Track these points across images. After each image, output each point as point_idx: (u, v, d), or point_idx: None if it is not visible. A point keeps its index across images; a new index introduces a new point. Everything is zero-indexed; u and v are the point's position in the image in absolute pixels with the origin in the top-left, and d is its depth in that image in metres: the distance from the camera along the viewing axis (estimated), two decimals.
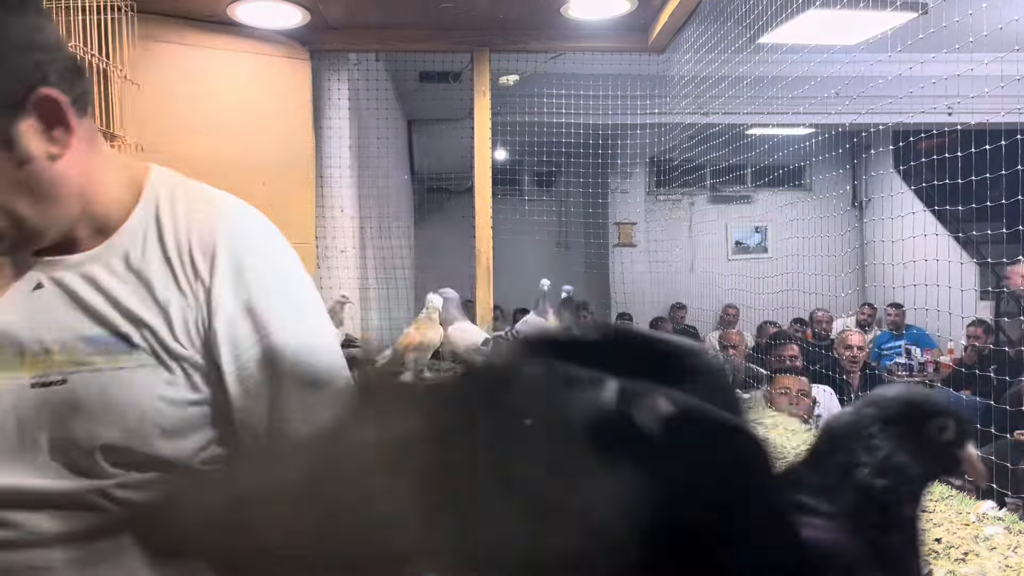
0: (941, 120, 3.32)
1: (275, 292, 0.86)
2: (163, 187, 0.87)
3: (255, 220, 0.91)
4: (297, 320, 0.87)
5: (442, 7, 3.01)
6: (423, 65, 5.06)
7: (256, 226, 0.91)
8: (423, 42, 3.35)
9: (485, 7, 3.05)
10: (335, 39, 3.30)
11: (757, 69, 3.12)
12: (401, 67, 5.04)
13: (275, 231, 0.92)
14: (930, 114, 3.10)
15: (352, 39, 3.33)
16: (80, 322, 0.80)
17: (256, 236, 0.89)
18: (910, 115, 3.10)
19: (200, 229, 0.84)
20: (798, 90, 3.18)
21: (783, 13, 2.72)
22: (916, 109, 3.03)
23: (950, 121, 2.61)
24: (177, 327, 0.81)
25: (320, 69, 3.49)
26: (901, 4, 2.81)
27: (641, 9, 3.05)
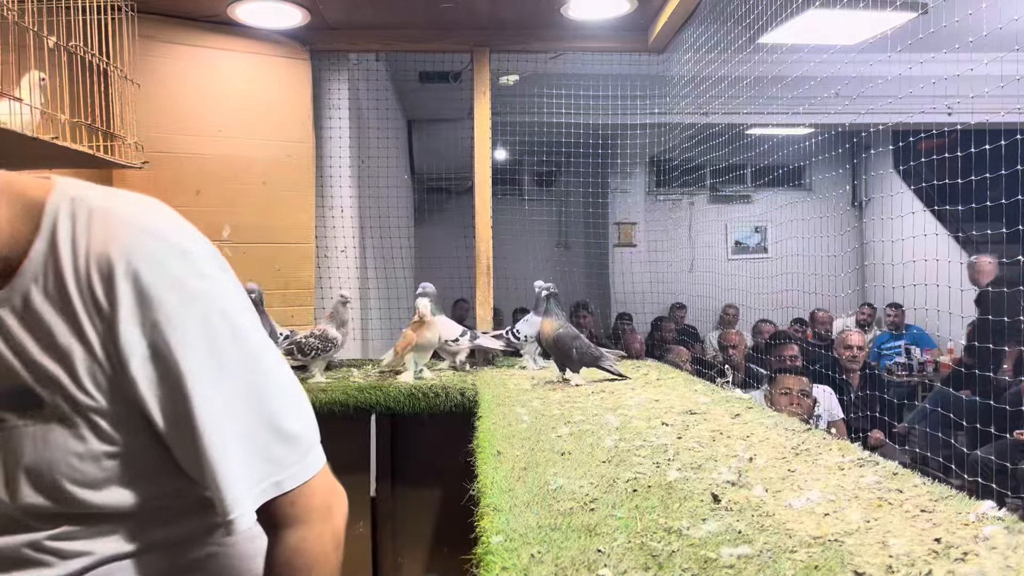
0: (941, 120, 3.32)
1: (187, 323, 0.73)
2: (62, 209, 0.74)
3: (158, 231, 0.76)
4: (214, 364, 0.75)
5: (442, 7, 3.01)
6: (423, 65, 5.07)
7: (161, 239, 0.75)
8: (423, 42, 3.35)
9: (485, 7, 3.05)
10: (335, 39, 3.30)
11: (757, 69, 3.12)
12: (401, 67, 5.05)
13: (188, 238, 0.78)
14: (930, 114, 3.10)
15: (352, 39, 3.33)
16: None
17: (160, 253, 0.74)
18: (910, 115, 3.10)
19: (98, 253, 0.72)
20: (798, 90, 3.18)
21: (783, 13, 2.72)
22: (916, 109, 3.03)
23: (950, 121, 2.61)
24: (83, 375, 0.72)
25: (320, 69, 3.49)
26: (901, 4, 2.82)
27: (641, 9, 3.05)
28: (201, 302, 0.75)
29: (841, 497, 1.21)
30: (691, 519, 1.13)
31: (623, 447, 1.59)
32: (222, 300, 0.77)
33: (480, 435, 1.78)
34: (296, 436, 0.81)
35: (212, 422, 0.75)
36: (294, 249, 3.20)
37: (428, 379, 2.69)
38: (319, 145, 3.47)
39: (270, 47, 3.17)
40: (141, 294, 0.72)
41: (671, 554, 0.99)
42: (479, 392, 2.43)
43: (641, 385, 2.46)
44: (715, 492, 1.25)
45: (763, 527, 1.08)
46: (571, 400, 2.17)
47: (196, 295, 0.74)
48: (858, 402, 4.13)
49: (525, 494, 1.28)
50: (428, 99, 6.12)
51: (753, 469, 1.39)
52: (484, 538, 1.09)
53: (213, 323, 0.75)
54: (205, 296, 0.75)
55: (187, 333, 0.73)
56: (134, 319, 0.72)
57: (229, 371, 0.76)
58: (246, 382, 0.77)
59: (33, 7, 1.73)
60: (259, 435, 0.78)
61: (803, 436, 1.65)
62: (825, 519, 1.11)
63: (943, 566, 0.91)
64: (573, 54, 3.74)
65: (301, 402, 0.84)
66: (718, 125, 3.79)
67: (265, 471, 0.78)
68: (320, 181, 3.47)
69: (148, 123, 2.71)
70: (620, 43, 3.39)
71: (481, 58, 3.35)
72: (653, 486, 1.30)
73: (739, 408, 1.99)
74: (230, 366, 0.76)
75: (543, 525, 1.12)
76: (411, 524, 2.73)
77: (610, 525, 1.11)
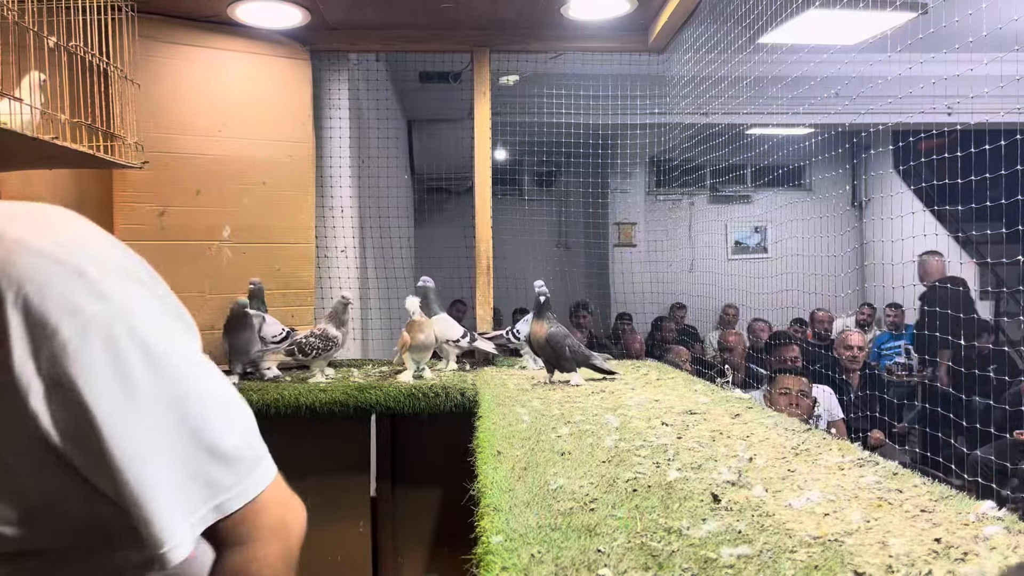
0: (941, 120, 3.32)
1: (88, 352, 0.67)
2: None
3: (51, 252, 0.68)
4: (125, 393, 0.68)
5: (442, 7, 3.01)
6: (423, 65, 5.07)
7: (53, 261, 0.68)
8: (423, 42, 3.35)
9: (485, 7, 3.05)
10: (335, 39, 3.30)
11: (757, 69, 3.12)
12: (401, 67, 5.05)
13: (86, 255, 0.70)
14: (930, 114, 3.10)
15: (352, 39, 3.33)
16: None
17: (52, 277, 0.67)
18: (910, 115, 3.10)
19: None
20: (798, 90, 3.18)
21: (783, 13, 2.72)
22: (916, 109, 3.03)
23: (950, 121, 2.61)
24: None
25: (320, 69, 3.49)
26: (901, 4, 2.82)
27: (641, 9, 3.05)
28: (101, 326, 0.67)
29: (841, 497, 1.21)
30: (691, 519, 1.13)
31: (623, 447, 1.59)
32: (128, 320, 0.70)
33: (480, 435, 1.78)
34: (235, 454, 0.76)
35: (130, 455, 0.68)
36: (294, 249, 3.20)
37: (428, 379, 2.69)
38: (319, 145, 3.47)
39: (270, 47, 3.17)
40: (33, 325, 0.65)
41: (671, 554, 0.99)
42: (479, 392, 2.43)
43: (641, 385, 2.46)
44: (715, 492, 1.25)
45: (763, 527, 1.08)
46: (571, 400, 2.17)
47: (94, 319, 0.67)
48: (858, 402, 4.13)
49: (525, 494, 1.28)
50: (428, 99, 6.12)
51: (753, 469, 1.40)
52: (484, 538, 1.09)
53: (119, 347, 0.68)
54: (106, 319, 0.68)
55: (89, 363, 0.67)
56: (27, 352, 0.65)
57: (144, 398, 0.69)
58: (168, 406, 0.71)
59: (33, 7, 1.73)
60: (190, 460, 0.72)
61: (803, 436, 1.65)
62: (825, 519, 1.11)
63: (943, 566, 0.91)
64: (573, 54, 3.73)
65: (239, 416, 0.78)
66: (718, 125, 3.79)
67: (203, 496, 0.73)
68: (320, 181, 3.47)
69: (148, 123, 2.71)
70: (620, 43, 3.39)
71: (481, 58, 3.35)
72: (653, 486, 1.30)
73: (739, 408, 1.99)
74: (145, 393, 0.69)
75: (543, 525, 1.12)
76: (411, 524, 2.73)
77: (610, 525, 1.11)
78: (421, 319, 2.68)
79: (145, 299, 0.73)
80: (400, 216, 5.03)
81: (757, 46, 3.11)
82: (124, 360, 0.69)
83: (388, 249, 4.12)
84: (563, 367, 2.49)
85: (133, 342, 0.69)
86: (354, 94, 3.74)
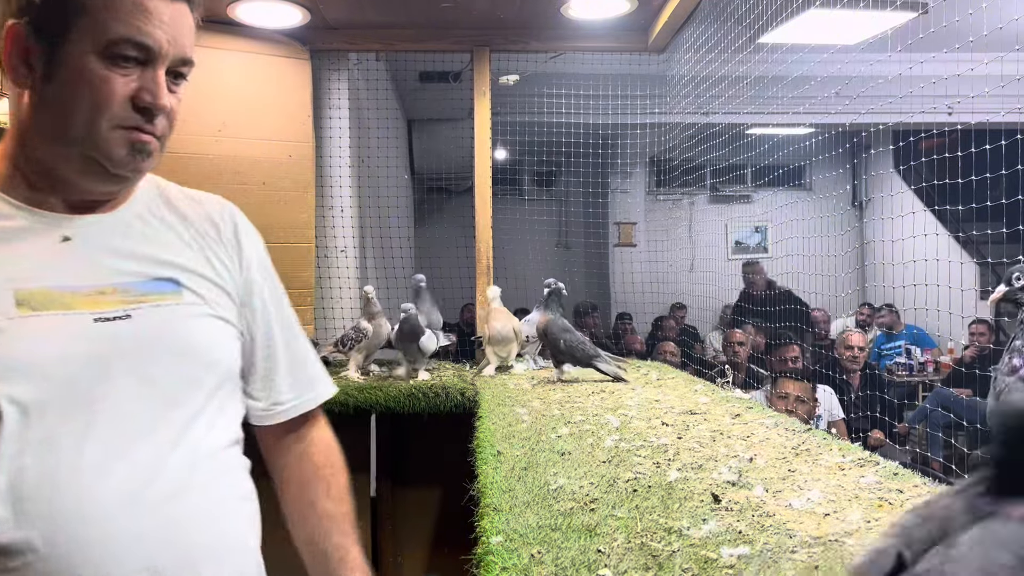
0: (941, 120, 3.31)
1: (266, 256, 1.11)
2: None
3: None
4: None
5: (442, 7, 3.01)
6: (423, 65, 5.06)
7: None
8: (423, 42, 3.35)
9: (485, 7, 3.05)
10: (335, 39, 3.30)
11: (757, 69, 3.12)
12: (401, 67, 5.04)
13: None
14: (930, 114, 3.09)
15: (352, 39, 3.33)
16: (126, 266, 0.90)
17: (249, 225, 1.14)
18: (910, 115, 3.10)
19: (207, 199, 1.12)
20: (798, 90, 3.18)
21: (783, 13, 2.72)
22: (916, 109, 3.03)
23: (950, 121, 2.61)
24: (217, 268, 0.99)
25: (320, 69, 3.49)
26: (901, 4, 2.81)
27: (641, 9, 3.05)
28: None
29: (841, 497, 1.21)
30: (691, 519, 1.12)
31: (623, 447, 1.59)
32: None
33: (480, 435, 1.78)
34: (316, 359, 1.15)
35: (291, 316, 1.09)
36: (294, 249, 3.20)
37: (428, 379, 2.69)
38: (319, 145, 3.46)
39: (270, 47, 3.17)
40: (249, 231, 1.07)
41: (671, 554, 0.99)
42: (479, 392, 2.43)
43: (641, 385, 2.46)
44: (715, 492, 1.25)
45: (763, 527, 1.08)
46: (571, 400, 2.17)
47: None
48: (858, 402, 4.12)
49: (525, 494, 1.28)
50: (428, 99, 6.11)
51: (753, 469, 1.39)
52: (484, 538, 1.09)
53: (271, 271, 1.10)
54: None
55: (269, 260, 1.09)
56: (252, 243, 1.06)
57: (284, 297, 1.11)
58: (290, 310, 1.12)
59: None
60: (303, 349, 1.11)
61: (803, 436, 1.65)
62: (825, 519, 1.11)
63: None
64: (573, 54, 3.73)
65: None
66: (718, 125, 3.79)
67: (308, 380, 1.11)
68: (320, 181, 3.47)
69: None
70: (620, 43, 3.39)
71: (481, 58, 3.35)
72: (653, 486, 1.30)
73: (739, 408, 1.99)
74: (284, 296, 1.11)
75: (543, 525, 1.12)
76: (411, 524, 2.73)
77: (610, 525, 1.11)
78: (499, 308, 2.63)
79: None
80: (400, 216, 5.03)
81: (757, 46, 3.11)
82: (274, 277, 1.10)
83: (388, 249, 4.12)
84: (557, 359, 2.50)
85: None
86: (354, 94, 3.74)
